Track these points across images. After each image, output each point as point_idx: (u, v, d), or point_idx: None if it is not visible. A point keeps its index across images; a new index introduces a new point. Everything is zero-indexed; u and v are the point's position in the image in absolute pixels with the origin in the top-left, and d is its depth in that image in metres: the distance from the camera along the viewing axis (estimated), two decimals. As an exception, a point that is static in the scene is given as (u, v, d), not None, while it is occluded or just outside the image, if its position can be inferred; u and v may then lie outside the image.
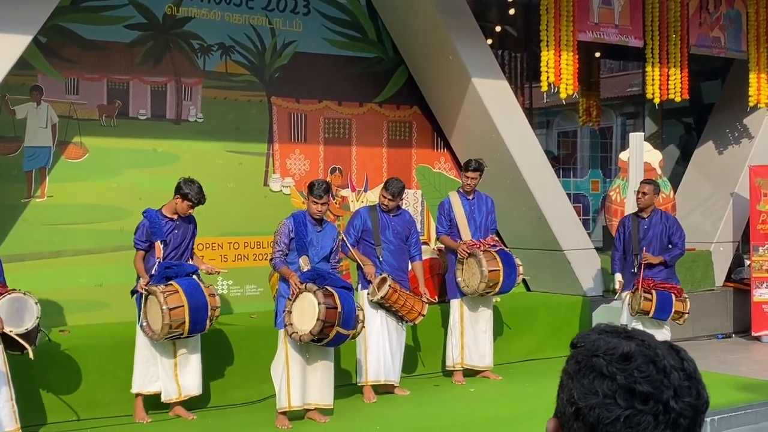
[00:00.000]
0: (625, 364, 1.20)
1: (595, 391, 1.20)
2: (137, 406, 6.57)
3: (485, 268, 7.56)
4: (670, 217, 8.47)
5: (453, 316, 7.95)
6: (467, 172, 7.94)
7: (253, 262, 8.76)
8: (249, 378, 7.33)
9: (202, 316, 6.31)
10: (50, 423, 6.43)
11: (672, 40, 10.22)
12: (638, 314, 7.90)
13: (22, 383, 6.05)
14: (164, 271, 6.40)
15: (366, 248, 7.38)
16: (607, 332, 1.28)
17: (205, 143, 8.63)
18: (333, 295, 6.18)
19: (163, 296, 6.14)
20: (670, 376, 1.20)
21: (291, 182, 9.12)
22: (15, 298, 5.81)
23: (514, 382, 7.90)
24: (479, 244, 7.83)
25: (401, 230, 7.46)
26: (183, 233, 6.67)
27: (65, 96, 8.00)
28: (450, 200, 8.00)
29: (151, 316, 6.28)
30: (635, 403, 1.18)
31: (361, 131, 9.59)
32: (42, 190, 7.87)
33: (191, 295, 6.25)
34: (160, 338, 6.26)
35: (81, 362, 6.68)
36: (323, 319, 6.06)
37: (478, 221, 7.97)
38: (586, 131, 14.12)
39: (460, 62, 9.20)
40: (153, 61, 8.42)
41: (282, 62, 9.10)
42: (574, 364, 1.25)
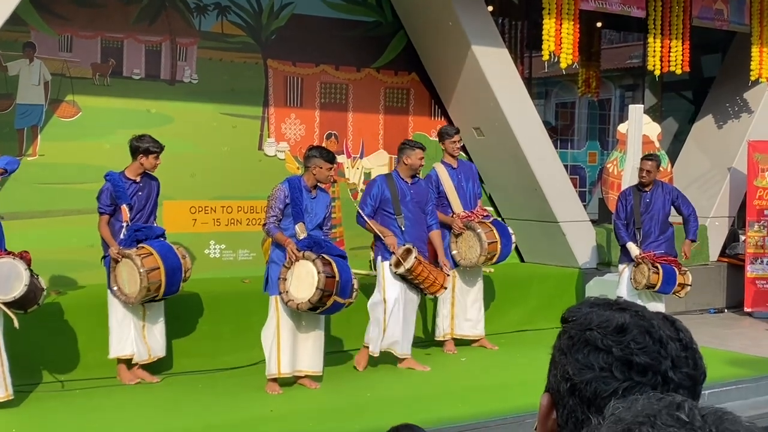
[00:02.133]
0: (620, 336, 1.17)
1: (590, 365, 1.17)
2: (121, 369, 6.53)
3: (485, 241, 7.54)
4: (672, 188, 8.43)
5: None
6: (454, 136, 7.83)
7: (246, 226, 8.71)
8: (240, 343, 7.31)
9: (177, 278, 6.29)
10: (41, 383, 6.42)
11: (674, 11, 10.12)
12: (643, 288, 7.88)
13: (13, 345, 6.01)
14: (134, 234, 6.34)
15: (384, 219, 7.11)
16: (598, 305, 1.24)
17: (200, 105, 8.54)
18: (331, 264, 6.14)
19: (140, 259, 6.09)
20: (666, 346, 1.17)
21: (286, 147, 9.04)
22: (3, 263, 5.65)
23: (505, 352, 7.90)
24: (473, 216, 7.77)
25: (420, 199, 7.23)
26: (147, 194, 6.60)
27: (58, 53, 7.89)
28: (436, 171, 7.89)
29: (123, 280, 6.21)
30: (633, 375, 1.15)
31: (358, 97, 9.50)
32: (34, 148, 7.79)
33: (166, 258, 6.22)
34: (135, 302, 6.22)
35: (72, 323, 6.66)
36: (322, 288, 6.02)
37: (466, 191, 7.91)
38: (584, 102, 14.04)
39: (460, 29, 9.09)
40: (148, 19, 8.31)
41: (279, 24, 8.98)
42: (567, 339, 1.22)
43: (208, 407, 6.07)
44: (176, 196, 8.38)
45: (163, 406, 6.08)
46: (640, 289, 7.90)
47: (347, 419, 5.89)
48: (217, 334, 7.33)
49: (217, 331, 7.34)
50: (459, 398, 6.45)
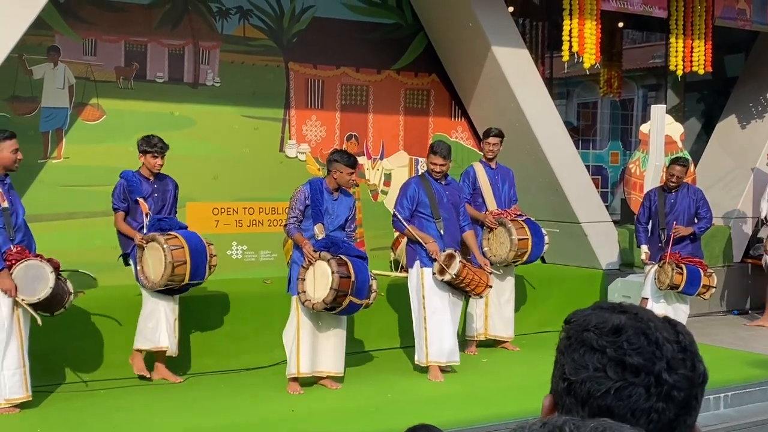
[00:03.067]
0: (615, 336, 1.18)
1: (585, 365, 1.18)
2: (136, 357, 6.52)
3: (515, 236, 7.53)
4: (697, 190, 8.38)
5: None
6: (488, 138, 7.86)
7: (268, 227, 8.75)
8: (261, 343, 7.34)
9: (202, 261, 6.31)
10: (64, 383, 6.48)
11: (697, 11, 10.04)
12: (667, 288, 7.82)
13: (36, 345, 6.08)
14: (157, 223, 6.40)
15: (422, 222, 6.88)
16: (601, 308, 1.26)
17: (222, 108, 8.59)
18: (347, 264, 6.15)
19: (164, 238, 6.16)
20: (662, 348, 1.17)
21: (307, 148, 9.08)
22: (30, 265, 5.69)
23: (527, 353, 7.88)
24: (506, 214, 7.78)
25: (454, 200, 7.02)
26: (162, 195, 6.62)
27: (83, 57, 7.97)
28: (474, 169, 7.92)
29: (148, 265, 6.26)
30: (626, 376, 1.16)
31: (378, 98, 9.51)
32: (59, 151, 7.87)
33: (190, 239, 6.29)
34: (161, 284, 6.23)
35: (95, 324, 6.72)
36: (336, 288, 6.05)
37: (501, 192, 7.91)
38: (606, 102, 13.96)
39: (480, 30, 9.08)
40: (171, 23, 8.37)
41: (300, 27, 9.02)
42: (565, 340, 1.24)
43: (230, 407, 6.11)
44: (199, 198, 8.45)
45: (186, 406, 6.12)
46: (664, 289, 7.85)
47: (368, 420, 5.90)
48: (239, 334, 7.37)
49: (239, 331, 7.37)
50: (479, 400, 6.44)
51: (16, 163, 5.83)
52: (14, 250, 5.72)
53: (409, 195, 6.90)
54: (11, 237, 5.74)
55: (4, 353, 5.61)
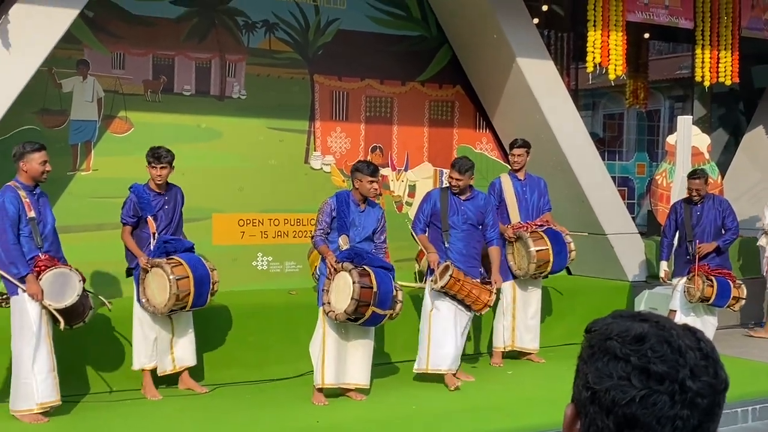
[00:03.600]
0: (638, 345, 1.19)
1: (609, 374, 1.19)
2: (146, 382, 6.54)
3: (532, 249, 7.50)
4: (723, 201, 8.30)
5: (505, 299, 7.86)
6: (513, 150, 7.86)
7: (293, 239, 8.79)
8: (286, 354, 7.36)
9: (205, 289, 6.34)
10: (89, 393, 6.53)
11: (723, 22, 9.98)
12: (697, 301, 7.75)
13: (65, 354, 6.14)
14: (163, 245, 6.40)
15: (434, 232, 7.07)
16: (621, 316, 1.26)
17: (248, 120, 8.65)
18: (369, 275, 6.16)
19: (169, 267, 6.18)
20: (685, 355, 1.18)
21: (332, 160, 9.11)
22: (60, 272, 5.79)
23: (552, 365, 7.83)
24: (526, 226, 7.75)
25: (472, 215, 7.06)
26: (173, 208, 6.64)
27: (111, 70, 8.06)
28: (501, 181, 7.93)
29: (152, 291, 6.28)
30: (650, 383, 1.17)
31: (403, 110, 9.53)
32: (87, 163, 7.96)
33: (195, 268, 6.29)
34: (164, 311, 6.26)
35: (123, 334, 6.77)
36: (357, 298, 6.05)
37: (529, 203, 7.88)
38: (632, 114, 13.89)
39: (505, 41, 9.08)
40: (198, 37, 8.45)
41: (325, 40, 9.07)
42: (588, 349, 1.24)
43: (255, 418, 6.13)
44: (225, 209, 8.50)
45: (211, 416, 6.14)
46: (694, 302, 7.78)
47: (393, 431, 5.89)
48: (265, 345, 7.39)
49: (265, 342, 7.40)
50: (505, 412, 6.41)
51: (44, 175, 5.91)
52: (43, 258, 5.81)
53: (423, 207, 7.16)
54: (38, 245, 5.83)
55: (34, 357, 5.68)
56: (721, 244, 7.99)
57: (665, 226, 8.38)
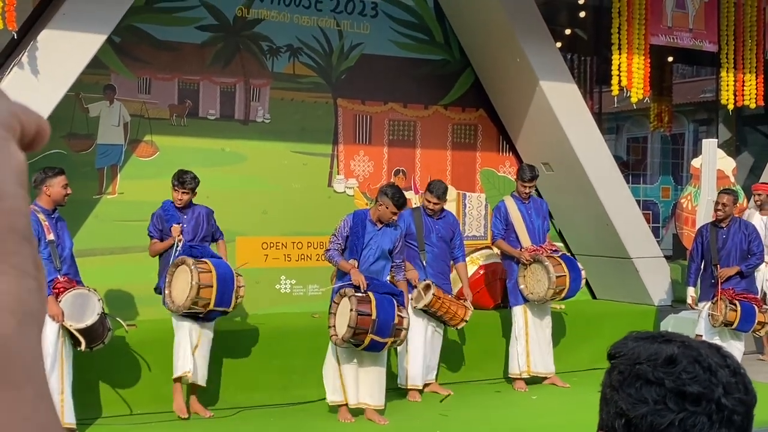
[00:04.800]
0: (670, 367, 1.18)
1: (644, 399, 1.18)
2: (176, 395, 6.51)
3: (553, 273, 7.44)
4: (749, 224, 8.20)
5: (517, 324, 7.81)
6: (524, 182, 7.83)
7: (317, 262, 8.77)
8: (310, 377, 7.31)
9: (229, 288, 6.31)
10: (111, 416, 6.52)
11: (748, 45, 9.93)
12: (721, 325, 7.66)
13: (88, 376, 6.16)
14: (190, 250, 6.45)
15: (409, 252, 7.21)
16: (643, 338, 1.25)
17: (272, 143, 8.69)
18: (370, 302, 6.12)
19: (192, 261, 6.22)
20: (717, 373, 1.18)
21: (355, 183, 9.12)
22: (79, 293, 5.87)
23: (577, 390, 7.74)
24: (541, 250, 7.69)
25: (445, 233, 7.40)
26: (195, 226, 6.68)
27: (137, 95, 8.14)
28: (506, 204, 7.89)
29: (176, 288, 6.29)
30: (687, 405, 1.16)
31: (426, 133, 9.54)
32: (113, 186, 8.02)
33: (218, 266, 6.33)
34: (184, 307, 6.23)
35: (146, 357, 6.78)
36: (353, 326, 6.03)
37: (535, 226, 7.85)
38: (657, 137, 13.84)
39: (528, 65, 9.08)
40: (223, 62, 8.52)
41: (349, 64, 9.11)
42: (617, 375, 1.23)
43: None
44: (249, 232, 8.52)
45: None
46: (718, 326, 7.68)
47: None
48: (288, 368, 7.37)
49: (288, 365, 7.38)
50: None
51: (65, 198, 6.04)
52: (62, 280, 5.89)
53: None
54: (57, 268, 5.90)
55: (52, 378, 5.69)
56: (744, 269, 7.87)
57: (692, 249, 8.28)
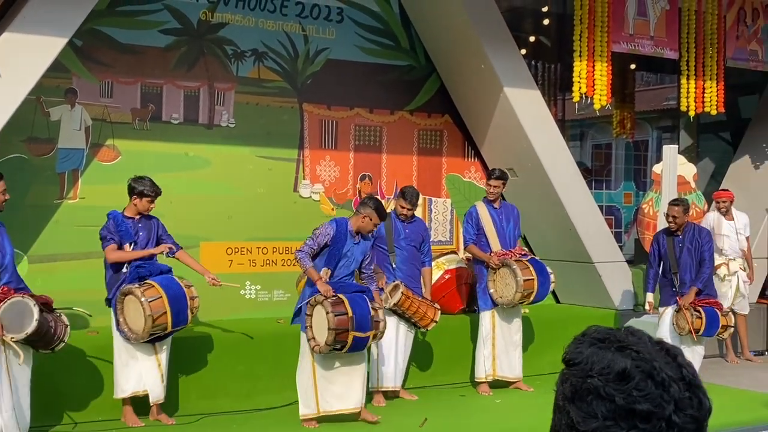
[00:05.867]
0: (622, 384, 1.17)
1: (594, 414, 1.17)
2: (126, 411, 6.45)
3: (520, 278, 7.48)
4: (703, 230, 8.29)
5: (484, 328, 7.84)
6: (490, 180, 7.89)
7: (282, 267, 8.75)
8: (274, 383, 7.30)
9: (183, 306, 6.26)
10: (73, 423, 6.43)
11: (708, 52, 10.07)
12: (687, 333, 7.74)
13: (49, 382, 6.06)
14: (136, 270, 6.35)
15: (379, 255, 7.33)
16: (598, 341, 1.23)
17: (236, 148, 8.65)
18: (342, 302, 6.15)
19: (140, 290, 6.12)
20: (669, 389, 1.16)
21: (321, 188, 9.11)
22: (13, 302, 5.60)
23: (541, 393, 7.77)
24: (510, 254, 7.74)
25: (414, 238, 7.51)
26: (147, 234, 6.59)
27: (99, 99, 8.05)
28: (477, 209, 7.92)
29: (130, 317, 6.21)
30: (637, 423, 1.15)
31: (392, 139, 9.55)
32: (74, 191, 7.93)
33: (167, 287, 6.23)
34: (143, 337, 6.17)
35: (108, 361, 6.69)
36: (334, 327, 6.05)
37: (506, 231, 7.89)
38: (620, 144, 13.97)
39: (492, 72, 9.14)
40: (187, 65, 8.46)
41: (314, 69, 9.10)
42: (569, 387, 1.22)
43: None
44: (213, 238, 8.47)
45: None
46: (684, 335, 7.76)
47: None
48: (253, 374, 7.33)
49: (253, 371, 7.34)
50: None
51: (2, 204, 5.89)
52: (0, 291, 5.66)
53: None
54: None
55: (0, 394, 5.54)
56: (700, 285, 7.95)
57: (650, 256, 8.38)
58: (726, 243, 9.53)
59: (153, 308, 6.08)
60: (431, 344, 8.15)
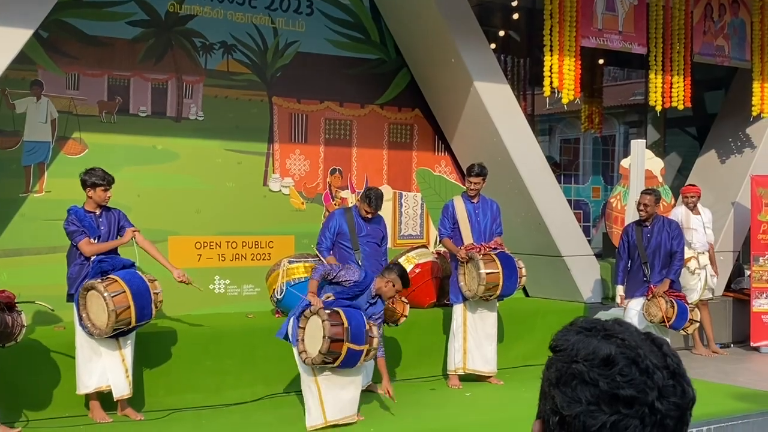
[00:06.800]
0: (606, 369, 1.18)
1: (578, 399, 1.18)
2: (93, 406, 6.39)
3: (483, 270, 7.47)
4: (673, 222, 8.38)
5: (456, 321, 7.85)
6: (470, 177, 7.83)
7: (251, 261, 8.70)
8: (244, 378, 7.26)
9: (147, 301, 6.20)
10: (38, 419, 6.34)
11: (676, 47, 10.16)
12: (658, 322, 7.79)
13: (12, 378, 5.97)
14: (98, 265, 6.28)
15: (342, 253, 7.30)
16: (585, 330, 1.24)
17: (205, 142, 8.58)
18: (338, 313, 6.09)
19: (103, 285, 6.06)
20: (653, 376, 1.17)
21: (290, 182, 9.06)
22: None
23: (511, 387, 7.82)
24: (479, 248, 7.73)
25: (375, 234, 7.49)
26: (109, 227, 6.52)
27: (65, 91, 7.94)
28: (454, 203, 7.91)
29: (93, 313, 6.13)
30: (620, 408, 1.15)
31: (362, 133, 9.53)
32: (40, 185, 7.81)
33: (130, 282, 6.16)
34: (106, 332, 6.10)
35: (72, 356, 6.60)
36: (330, 336, 5.94)
37: (481, 225, 7.87)
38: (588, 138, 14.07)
39: (462, 66, 9.14)
40: (154, 58, 8.37)
41: (284, 62, 9.04)
42: (554, 372, 1.23)
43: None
44: (181, 232, 8.39)
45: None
46: (656, 323, 7.81)
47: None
48: (222, 369, 7.27)
49: (222, 366, 7.28)
50: (463, 434, 6.37)
51: None
52: None
53: (330, 225, 7.43)
54: None
55: None
56: (673, 277, 8.04)
57: (619, 248, 8.44)
58: (695, 237, 9.66)
59: (116, 303, 6.00)
60: (403, 338, 8.14)
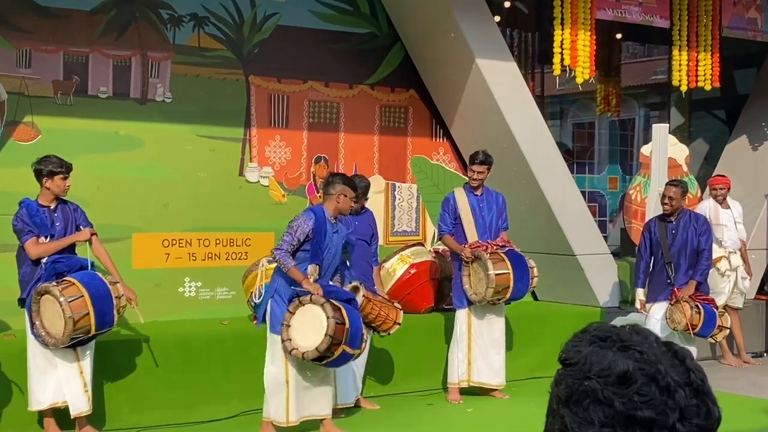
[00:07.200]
0: (623, 387, 1.17)
1: (590, 420, 1.17)
2: (48, 424, 6.35)
3: (491, 271, 7.45)
4: (700, 217, 8.34)
5: (459, 328, 7.83)
6: (473, 165, 7.83)
7: (226, 261, 8.69)
8: (217, 393, 7.26)
9: (108, 306, 6.17)
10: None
11: (702, 20, 10.17)
12: (683, 329, 7.77)
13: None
14: (53, 266, 6.25)
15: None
16: (599, 340, 1.23)
17: (173, 126, 8.57)
18: (340, 310, 6.11)
19: (58, 288, 6.01)
20: (674, 395, 1.16)
21: (270, 172, 9.06)
22: None
23: (516, 402, 7.83)
24: (486, 246, 7.70)
25: (364, 230, 7.43)
26: (65, 224, 6.49)
27: (16, 69, 7.94)
28: (455, 196, 7.88)
29: (47, 320, 6.09)
30: (637, 430, 1.15)
31: (351, 116, 9.53)
32: (-13, 175, 7.79)
33: (89, 285, 6.12)
34: (63, 342, 6.06)
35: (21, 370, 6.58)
36: (332, 335, 5.96)
37: (486, 220, 7.85)
38: (604, 122, 14.09)
39: (463, 41, 9.14)
40: (116, 32, 8.36)
41: (262, 36, 9.03)
42: (564, 389, 1.22)
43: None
44: (147, 228, 8.38)
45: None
46: (680, 330, 7.79)
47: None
48: (193, 382, 7.27)
49: (193, 379, 7.28)
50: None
51: None
52: None
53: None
54: None
55: None
56: (700, 278, 8.01)
57: (640, 246, 8.41)
58: (725, 234, 9.60)
59: (73, 309, 5.97)
60: (396, 348, 8.14)
